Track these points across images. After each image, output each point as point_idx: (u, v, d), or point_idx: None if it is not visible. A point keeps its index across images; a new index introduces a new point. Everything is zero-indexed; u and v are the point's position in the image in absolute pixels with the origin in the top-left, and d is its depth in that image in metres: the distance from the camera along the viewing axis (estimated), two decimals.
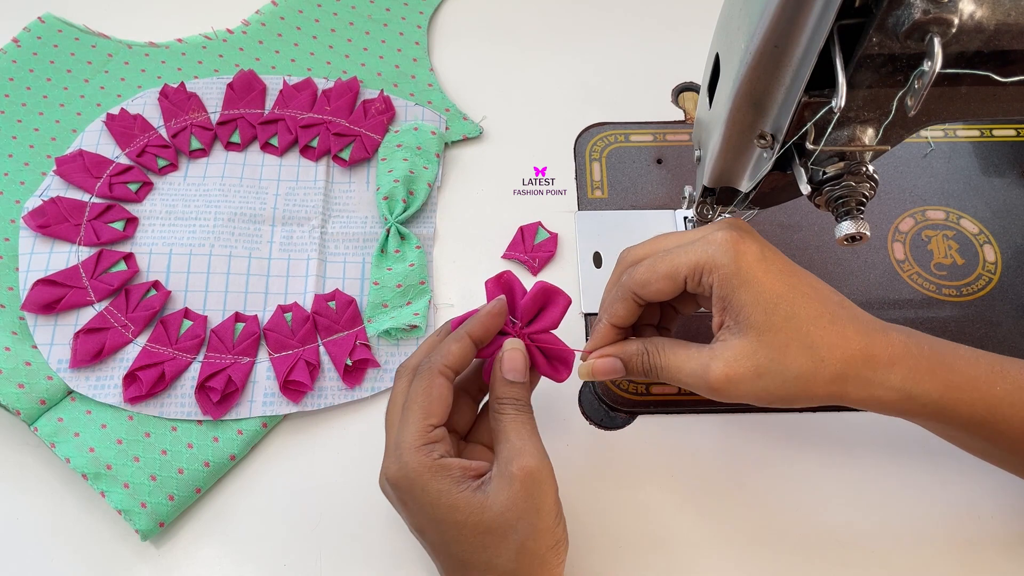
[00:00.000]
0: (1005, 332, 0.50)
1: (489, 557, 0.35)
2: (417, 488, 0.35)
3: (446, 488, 0.35)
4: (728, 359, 0.36)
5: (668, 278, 0.37)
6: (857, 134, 0.34)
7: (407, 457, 0.36)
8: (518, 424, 0.37)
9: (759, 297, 0.35)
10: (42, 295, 0.49)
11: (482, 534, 0.35)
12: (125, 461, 0.45)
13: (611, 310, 0.40)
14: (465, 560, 0.36)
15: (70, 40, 0.60)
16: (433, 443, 0.36)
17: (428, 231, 0.54)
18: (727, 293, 0.36)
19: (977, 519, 0.45)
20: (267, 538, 0.45)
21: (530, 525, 0.35)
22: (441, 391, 0.37)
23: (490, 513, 0.35)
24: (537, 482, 0.35)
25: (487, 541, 0.35)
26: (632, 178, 0.57)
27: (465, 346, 0.38)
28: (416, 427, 0.36)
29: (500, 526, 0.35)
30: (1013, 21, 0.29)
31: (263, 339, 0.49)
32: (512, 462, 0.35)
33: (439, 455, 0.36)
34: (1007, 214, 0.54)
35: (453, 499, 0.35)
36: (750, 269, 0.36)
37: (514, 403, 0.38)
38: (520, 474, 0.35)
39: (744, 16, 0.33)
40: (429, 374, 0.37)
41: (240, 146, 0.57)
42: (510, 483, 0.35)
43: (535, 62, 0.62)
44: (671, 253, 0.38)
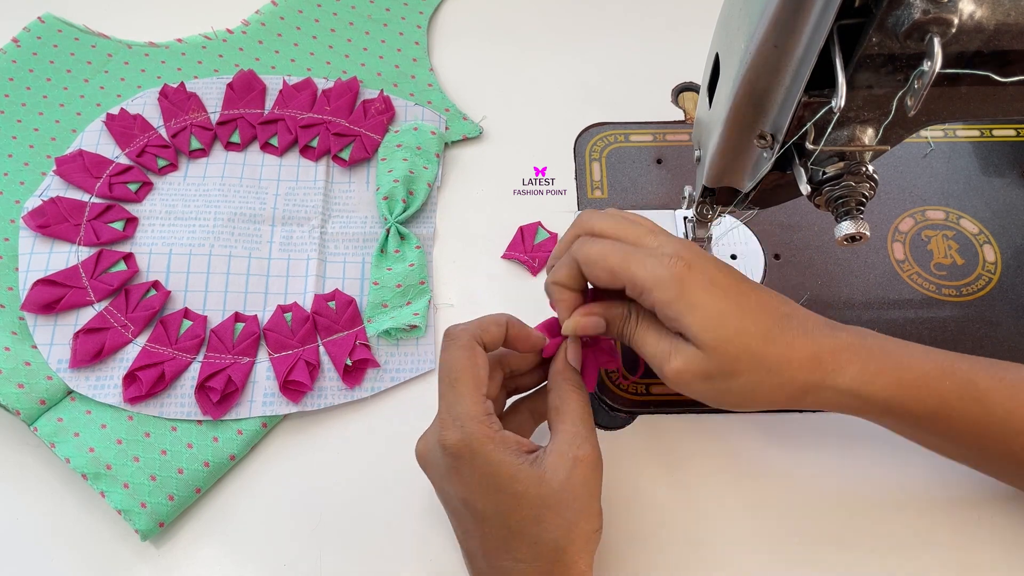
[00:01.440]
0: (1005, 332, 0.50)
1: (541, 531, 0.36)
2: (479, 457, 0.36)
3: (508, 459, 0.36)
4: (684, 358, 0.37)
5: (612, 275, 0.38)
6: (857, 134, 0.34)
7: (471, 427, 0.36)
8: (582, 407, 0.39)
9: (704, 321, 0.36)
10: (42, 295, 0.49)
11: (537, 507, 0.36)
12: (125, 461, 0.45)
13: (557, 272, 0.41)
14: (517, 531, 0.36)
15: (70, 40, 0.60)
16: (490, 414, 0.37)
17: (428, 231, 0.54)
18: (672, 316, 0.37)
19: (978, 519, 0.45)
20: (267, 538, 0.45)
21: (584, 507, 0.36)
22: (485, 362, 0.38)
23: (548, 488, 0.36)
24: (595, 469, 0.37)
25: (541, 514, 0.36)
26: (632, 178, 0.57)
27: (502, 332, 0.40)
28: (472, 398, 0.37)
29: (557, 503, 0.36)
30: (1013, 21, 0.29)
31: (263, 339, 0.49)
32: (577, 446, 0.37)
33: (499, 427, 0.37)
34: (1007, 214, 0.54)
35: (514, 470, 0.36)
36: (693, 293, 0.36)
37: (577, 385, 0.40)
38: (585, 459, 0.36)
39: (744, 16, 0.33)
40: (469, 346, 0.38)
41: (240, 146, 0.57)
42: (573, 465, 0.36)
43: (535, 62, 0.62)
44: (627, 254, 0.38)
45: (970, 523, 0.45)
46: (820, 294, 0.51)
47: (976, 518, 0.45)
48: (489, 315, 0.40)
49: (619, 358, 0.41)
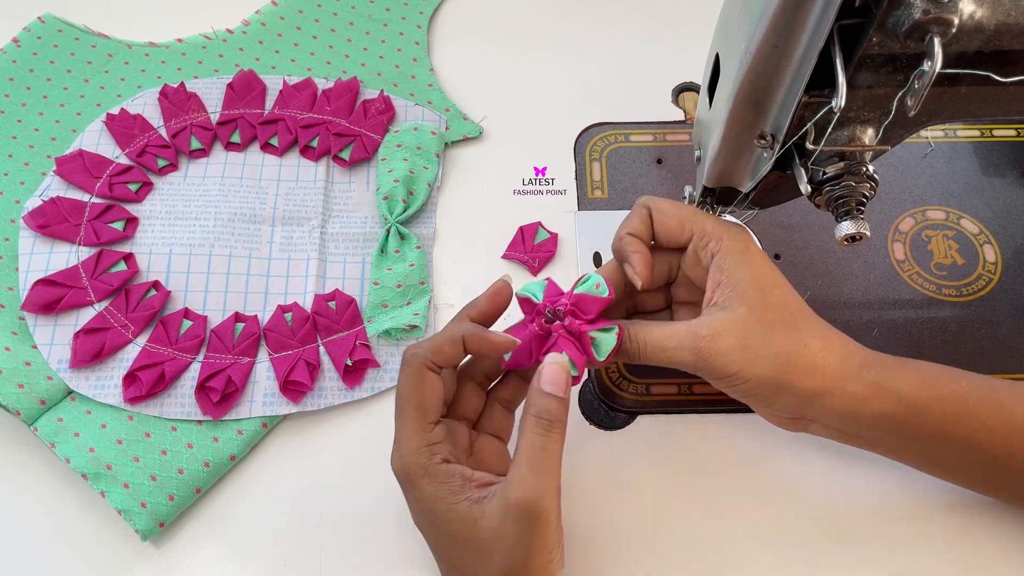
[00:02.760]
0: (1005, 332, 0.50)
1: (475, 569, 0.35)
2: (416, 489, 0.36)
3: (442, 496, 0.35)
4: (717, 327, 0.37)
5: (680, 222, 0.39)
6: (857, 134, 0.34)
7: (408, 458, 0.36)
8: (537, 445, 0.34)
9: (757, 278, 0.37)
10: (42, 295, 0.49)
11: (470, 550, 0.34)
12: (125, 461, 0.45)
13: (628, 221, 0.41)
14: (455, 565, 0.36)
15: (70, 40, 0.60)
16: (434, 444, 0.36)
17: (428, 231, 0.54)
18: (728, 266, 0.38)
19: (981, 513, 0.45)
20: (267, 538, 0.45)
21: (517, 559, 0.34)
22: (432, 386, 0.37)
23: (481, 533, 0.34)
24: (534, 519, 0.33)
25: (475, 559, 0.34)
26: (632, 178, 0.57)
27: (458, 350, 0.37)
28: (414, 427, 0.36)
29: (487, 549, 0.34)
30: (1013, 21, 0.29)
31: (263, 339, 0.49)
32: (515, 487, 0.33)
33: (441, 459, 0.36)
34: (1007, 214, 0.54)
35: (448, 509, 0.34)
36: (755, 253, 0.38)
37: (541, 421, 0.35)
38: (517, 506, 0.33)
39: (744, 16, 0.33)
40: (417, 370, 0.37)
41: (240, 146, 0.57)
42: (504, 512, 0.33)
43: (535, 62, 0.62)
44: (692, 210, 0.40)
45: (970, 523, 0.45)
46: (820, 294, 0.51)
47: (976, 518, 0.45)
48: (444, 331, 0.38)
49: None
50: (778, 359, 0.36)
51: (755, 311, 0.36)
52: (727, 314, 0.37)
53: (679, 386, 0.49)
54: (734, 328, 0.36)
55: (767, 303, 0.37)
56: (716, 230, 0.39)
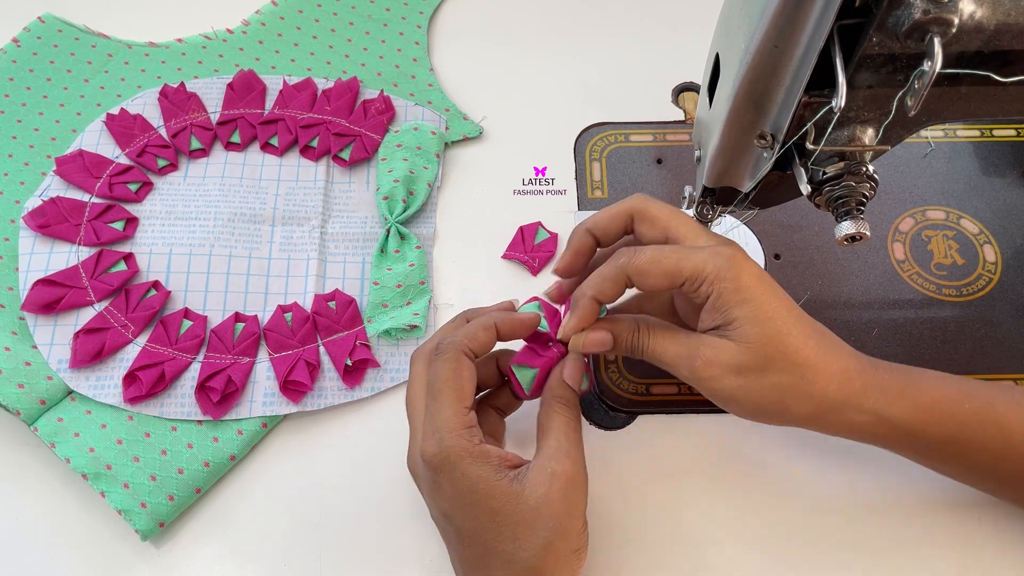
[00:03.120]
0: (1005, 332, 0.50)
1: (516, 548, 0.35)
2: (457, 471, 0.36)
3: (485, 474, 0.35)
4: (716, 350, 0.37)
5: (668, 276, 0.38)
6: (857, 134, 0.34)
7: (449, 440, 0.36)
8: (566, 424, 0.38)
9: (755, 314, 0.36)
10: (42, 295, 0.49)
11: (514, 525, 0.35)
12: (125, 461, 0.45)
13: (600, 287, 0.39)
14: (492, 548, 0.36)
15: (70, 40, 0.60)
16: (472, 427, 0.37)
17: (428, 231, 0.54)
18: (725, 305, 0.37)
19: (979, 518, 0.45)
20: (267, 538, 0.45)
21: (560, 525, 0.35)
22: (471, 372, 0.38)
23: (525, 505, 0.35)
24: (575, 485, 0.36)
25: (518, 532, 0.35)
26: (632, 178, 0.57)
27: (492, 336, 0.39)
28: (453, 409, 0.37)
29: (532, 520, 0.35)
30: (1013, 21, 0.29)
31: (263, 339, 0.49)
32: (557, 461, 0.36)
33: (479, 440, 0.36)
34: (1007, 214, 0.54)
35: (491, 486, 0.35)
36: (750, 287, 0.37)
37: (568, 402, 0.39)
38: (563, 474, 0.36)
39: (744, 16, 0.33)
40: (455, 355, 0.38)
41: (240, 146, 0.57)
42: (550, 481, 0.35)
43: (535, 62, 0.62)
44: (677, 251, 0.38)
45: (970, 523, 0.45)
46: (820, 294, 0.51)
47: (976, 518, 0.45)
48: (477, 321, 0.40)
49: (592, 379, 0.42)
50: (774, 390, 0.37)
51: (753, 345, 0.36)
52: (725, 342, 0.37)
53: (679, 386, 0.49)
54: (732, 355, 0.36)
55: (764, 337, 0.36)
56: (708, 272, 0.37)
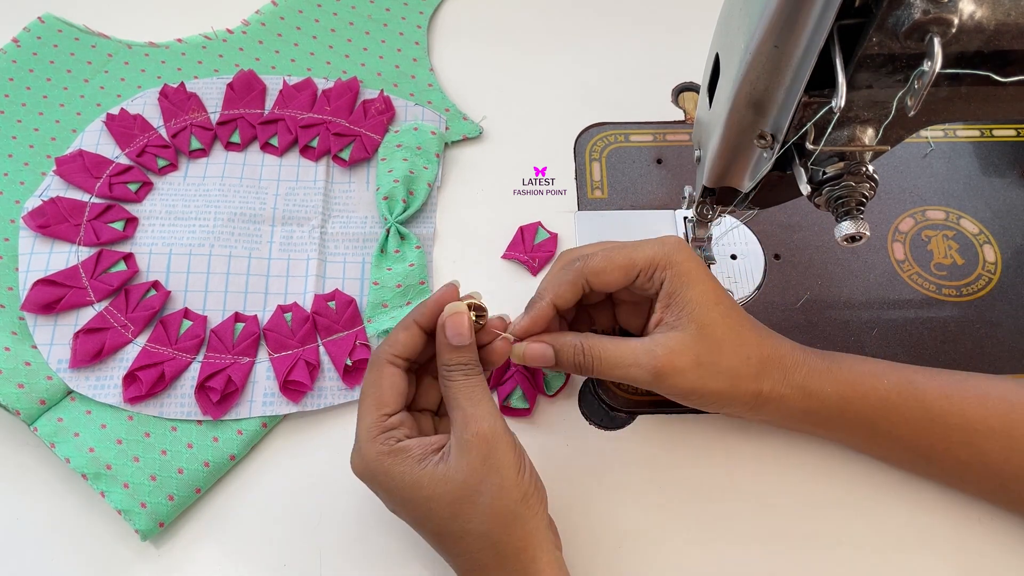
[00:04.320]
0: (1005, 332, 0.50)
1: (462, 524, 0.36)
2: (380, 475, 0.37)
3: (407, 469, 0.36)
4: (671, 348, 0.39)
5: (623, 269, 0.40)
6: (857, 134, 0.34)
7: (365, 449, 0.37)
8: (467, 389, 0.38)
9: (704, 296, 0.39)
10: (42, 295, 0.49)
11: (449, 504, 0.36)
12: (125, 461, 0.45)
13: (558, 291, 0.41)
14: (440, 532, 0.37)
15: (70, 40, 0.60)
16: (390, 430, 0.37)
17: (428, 231, 0.54)
18: (677, 289, 0.39)
19: (977, 521, 0.45)
20: (267, 538, 0.45)
21: (493, 485, 0.36)
22: (392, 379, 0.38)
23: (453, 483, 0.36)
24: (492, 444, 0.36)
25: (456, 510, 0.36)
26: (632, 178, 0.57)
27: (413, 334, 0.39)
28: (370, 419, 0.38)
29: (466, 493, 0.36)
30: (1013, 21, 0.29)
31: (263, 339, 0.49)
32: (466, 428, 0.36)
33: (396, 440, 0.37)
34: (1007, 214, 0.54)
35: (416, 477, 0.36)
36: (697, 272, 0.40)
37: (462, 368, 0.38)
38: (475, 440, 0.36)
39: (744, 16, 0.33)
40: (378, 365, 0.39)
41: (240, 146, 0.57)
42: (467, 450, 0.36)
43: (535, 62, 0.62)
44: (627, 246, 0.41)
45: (970, 522, 0.45)
46: (820, 294, 0.51)
47: (976, 517, 0.45)
48: (397, 324, 0.40)
49: None
50: (728, 373, 0.39)
51: (705, 328, 0.38)
52: (680, 333, 0.39)
53: None
54: (687, 347, 0.38)
55: (713, 321, 0.39)
56: (660, 259, 0.40)
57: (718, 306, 0.39)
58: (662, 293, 0.40)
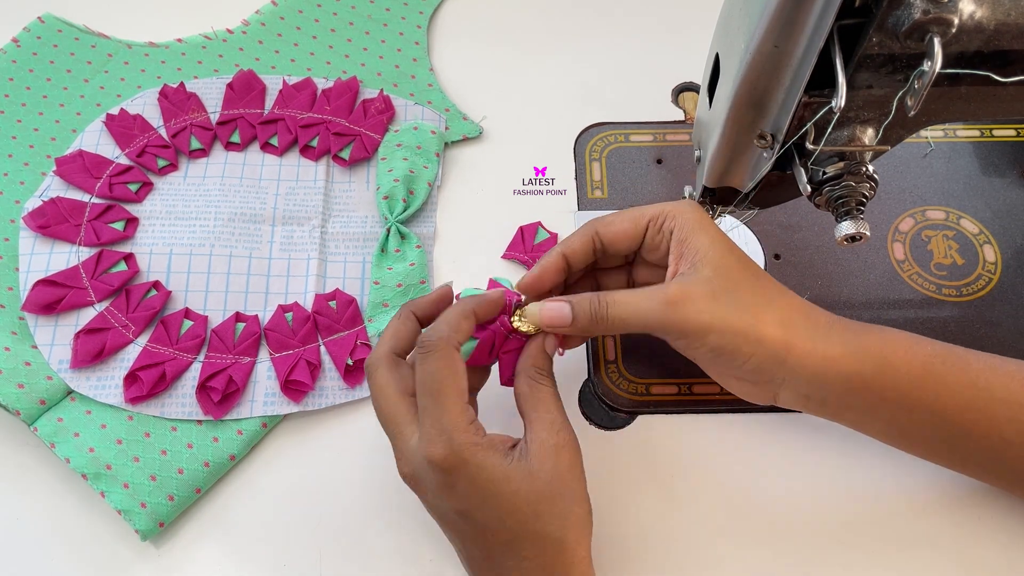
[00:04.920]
0: (1005, 332, 0.50)
1: (542, 526, 0.36)
2: (472, 467, 0.35)
3: (499, 462, 0.36)
4: (685, 283, 0.38)
5: (632, 220, 0.40)
6: (857, 134, 0.34)
7: (460, 438, 0.35)
8: (552, 395, 0.39)
9: (715, 242, 0.38)
10: (42, 295, 0.49)
11: (535, 502, 0.36)
12: (125, 461, 0.45)
13: (569, 243, 0.41)
14: (519, 531, 0.36)
15: (70, 40, 0.60)
16: (475, 420, 0.37)
17: (428, 231, 0.54)
18: (687, 236, 0.39)
19: (978, 519, 0.45)
20: (267, 538, 0.45)
21: (575, 491, 0.37)
22: (463, 366, 0.37)
23: (540, 481, 0.36)
24: (577, 452, 0.38)
25: (540, 509, 0.36)
26: (632, 178, 0.57)
27: (472, 323, 0.39)
28: (457, 408, 0.36)
29: (550, 494, 0.36)
30: (1013, 21, 0.29)
31: (264, 339, 0.49)
32: (556, 433, 0.37)
33: (484, 432, 0.37)
34: (1007, 214, 0.54)
35: (507, 471, 0.36)
36: (708, 223, 0.39)
37: (550, 374, 0.40)
38: (566, 445, 0.37)
39: (744, 16, 0.33)
40: (447, 351, 0.37)
41: (240, 146, 0.57)
42: (556, 452, 0.36)
43: (535, 62, 0.62)
44: (634, 208, 0.41)
45: (970, 521, 0.45)
46: (820, 294, 0.51)
47: (976, 517, 0.45)
48: (454, 311, 0.39)
49: None
50: (749, 309, 0.37)
51: (720, 270, 0.38)
52: (694, 276, 0.38)
53: (679, 386, 0.49)
54: (702, 285, 0.37)
55: (730, 264, 0.38)
56: (668, 209, 0.40)
57: (732, 253, 0.38)
58: (673, 242, 0.39)
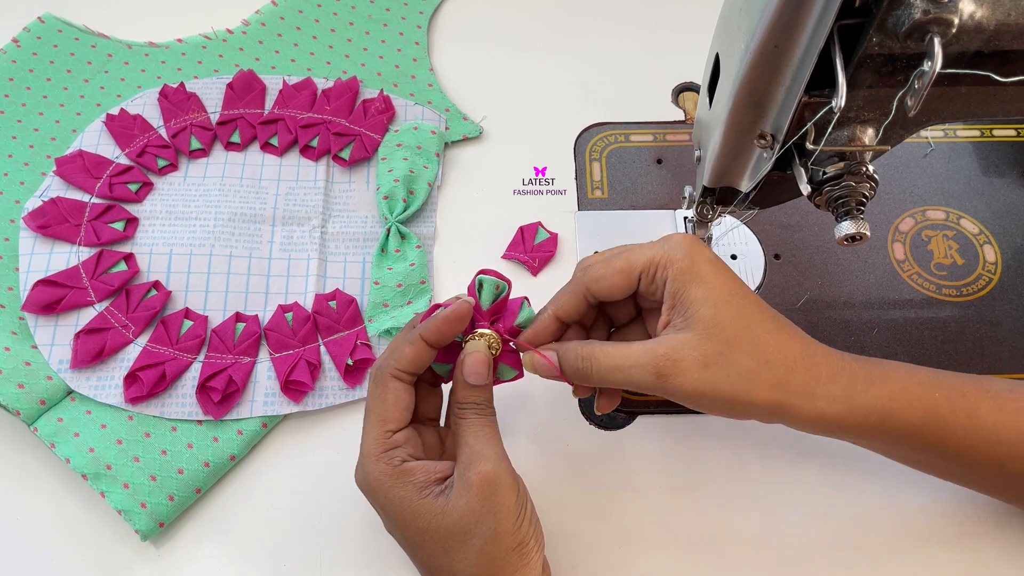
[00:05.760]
0: (1005, 332, 0.50)
1: (451, 561, 0.35)
2: (380, 496, 0.36)
3: (407, 495, 0.36)
4: (675, 347, 0.36)
5: (623, 273, 0.38)
6: (857, 134, 0.34)
7: (370, 466, 0.36)
8: (477, 428, 0.37)
9: (710, 293, 0.36)
10: (42, 295, 0.49)
11: (443, 539, 0.35)
12: (125, 461, 0.45)
13: (559, 302, 0.40)
14: (429, 564, 0.36)
15: (70, 40, 0.60)
16: (394, 448, 0.37)
17: (428, 231, 0.54)
18: (679, 288, 0.36)
19: (976, 520, 0.45)
20: (267, 538, 0.45)
21: (488, 529, 0.35)
22: (396, 395, 0.37)
23: (449, 519, 0.35)
24: (493, 486, 0.35)
25: (448, 546, 0.35)
26: (632, 178, 0.57)
27: (419, 349, 0.37)
28: (374, 434, 0.37)
29: (459, 531, 0.35)
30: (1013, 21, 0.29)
31: (264, 339, 0.49)
32: (470, 467, 0.35)
33: (401, 460, 0.36)
34: (1007, 214, 0.54)
35: (415, 506, 0.35)
36: (703, 268, 0.37)
37: (475, 407, 0.37)
38: (476, 479, 0.35)
39: (744, 16, 0.33)
40: (382, 379, 0.38)
41: (240, 146, 0.57)
42: (467, 489, 0.35)
43: (535, 62, 0.62)
44: (627, 249, 0.38)
45: (971, 521, 0.45)
46: (820, 294, 0.52)
47: (977, 516, 0.45)
48: (400, 337, 0.38)
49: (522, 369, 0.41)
50: (740, 378, 0.36)
51: (713, 330, 0.36)
52: (684, 334, 0.36)
53: None
54: (693, 346, 0.36)
55: (725, 319, 0.36)
56: (659, 258, 0.37)
57: (728, 304, 0.36)
58: (666, 293, 0.37)
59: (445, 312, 0.38)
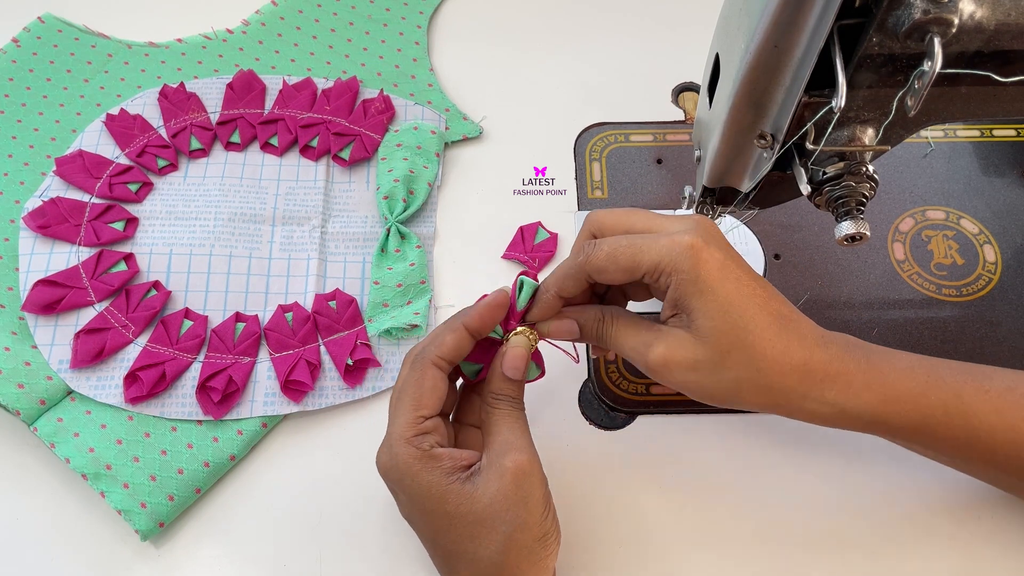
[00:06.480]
0: (1005, 332, 0.50)
1: (476, 548, 0.35)
2: (407, 479, 0.36)
3: (435, 480, 0.36)
4: (670, 344, 0.37)
5: (626, 271, 0.37)
6: (857, 134, 0.34)
7: (397, 448, 0.36)
8: (511, 419, 0.38)
9: (711, 305, 0.36)
10: (42, 295, 0.49)
11: (470, 525, 0.35)
12: (125, 461, 0.45)
13: (561, 283, 0.40)
14: (452, 550, 0.36)
15: (70, 40, 0.60)
16: (424, 434, 0.37)
17: (428, 231, 0.54)
18: (681, 297, 0.36)
19: (977, 519, 0.45)
20: (267, 538, 0.45)
21: (518, 518, 0.35)
22: (434, 382, 0.38)
23: (479, 504, 0.35)
24: (527, 476, 0.36)
25: (475, 532, 0.35)
26: (632, 178, 0.57)
27: (460, 337, 0.38)
28: (407, 418, 0.37)
29: (488, 517, 0.35)
30: (1013, 21, 0.29)
31: (264, 339, 0.49)
32: (505, 455, 0.36)
33: (430, 445, 0.36)
34: (1007, 214, 0.54)
35: (442, 490, 0.36)
36: (708, 278, 0.36)
37: (509, 399, 0.39)
38: (512, 467, 0.36)
39: (744, 16, 0.33)
40: (422, 365, 0.38)
41: (240, 146, 0.57)
42: (501, 476, 0.35)
43: (535, 62, 0.62)
44: (634, 245, 0.37)
45: (970, 521, 0.45)
46: (820, 294, 0.52)
47: (976, 516, 0.45)
48: (443, 325, 0.39)
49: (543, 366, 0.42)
50: (729, 383, 0.37)
51: (709, 340, 0.36)
52: (683, 334, 0.37)
53: None
54: (685, 349, 0.36)
55: (719, 330, 0.36)
56: (665, 264, 0.36)
57: (727, 315, 0.36)
58: (668, 296, 0.37)
59: (487, 300, 0.39)
